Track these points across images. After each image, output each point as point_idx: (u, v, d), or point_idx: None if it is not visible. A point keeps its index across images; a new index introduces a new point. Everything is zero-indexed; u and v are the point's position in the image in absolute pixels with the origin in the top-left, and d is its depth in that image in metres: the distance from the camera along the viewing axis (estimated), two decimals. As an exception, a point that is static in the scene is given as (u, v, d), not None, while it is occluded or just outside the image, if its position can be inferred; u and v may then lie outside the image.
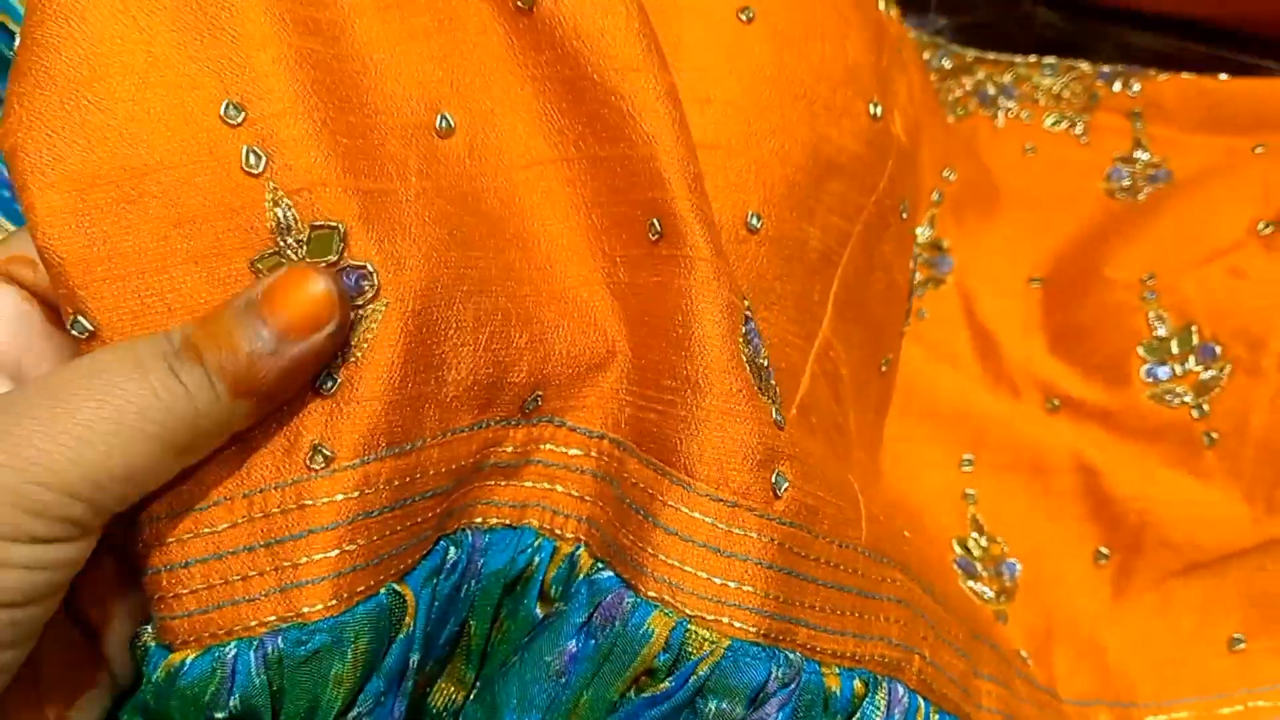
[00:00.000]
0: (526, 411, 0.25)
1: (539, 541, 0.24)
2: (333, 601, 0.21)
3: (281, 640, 0.20)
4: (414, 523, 0.22)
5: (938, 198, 0.35)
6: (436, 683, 0.25)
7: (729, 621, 0.23)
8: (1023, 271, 0.47)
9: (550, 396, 0.25)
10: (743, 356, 0.24)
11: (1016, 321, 0.46)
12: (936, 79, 0.52)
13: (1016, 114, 0.51)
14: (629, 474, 0.24)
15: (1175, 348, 0.42)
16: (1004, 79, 0.52)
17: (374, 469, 0.21)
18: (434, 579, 0.23)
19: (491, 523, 0.24)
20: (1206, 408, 0.41)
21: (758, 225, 0.29)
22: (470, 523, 0.24)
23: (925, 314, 0.46)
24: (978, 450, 0.42)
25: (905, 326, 0.41)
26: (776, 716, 0.23)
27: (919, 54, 0.50)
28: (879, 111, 0.33)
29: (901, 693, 0.26)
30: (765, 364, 0.25)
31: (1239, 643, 0.38)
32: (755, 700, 0.23)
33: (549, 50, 0.26)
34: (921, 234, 0.46)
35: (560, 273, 0.26)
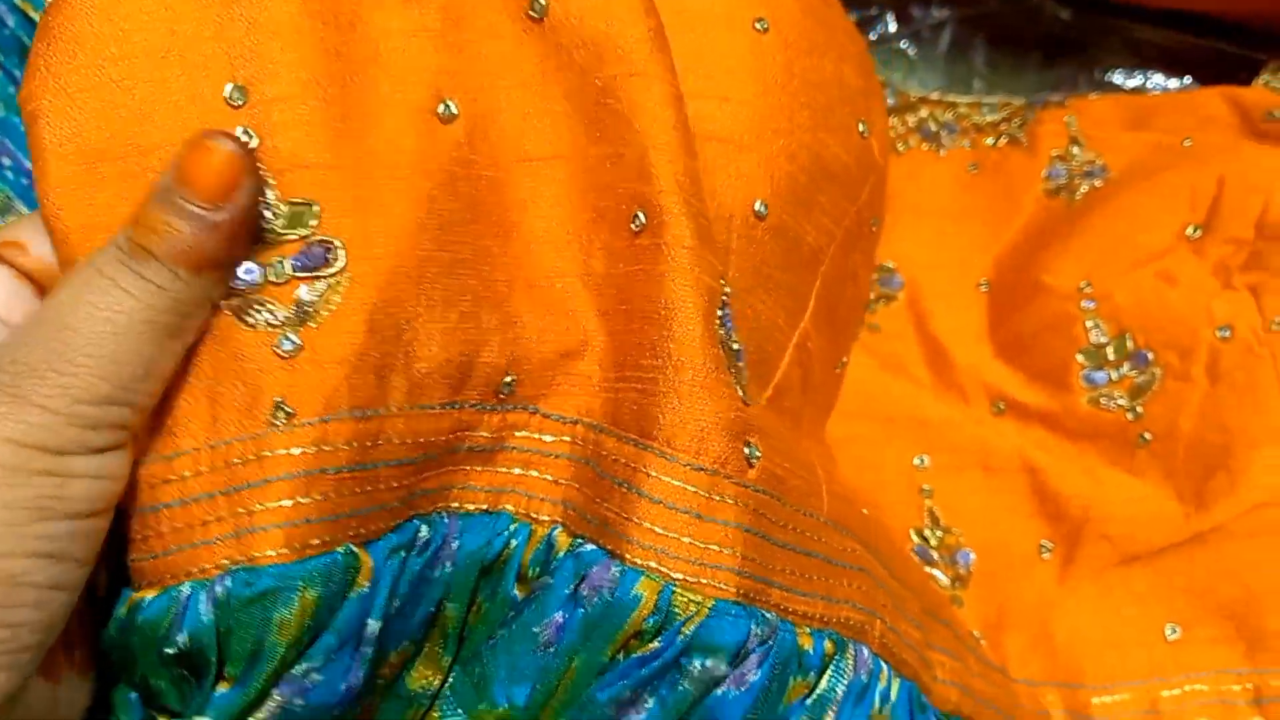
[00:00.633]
0: (501, 397, 0.26)
1: (515, 526, 0.25)
2: (285, 549, 0.22)
3: (230, 581, 0.21)
4: (375, 488, 0.23)
5: (875, 224, 0.38)
6: (413, 665, 0.25)
7: (710, 583, 0.24)
8: (972, 278, 0.49)
9: (523, 382, 0.26)
10: (718, 336, 0.26)
11: (966, 331, 0.48)
12: None
13: (959, 144, 0.54)
14: (608, 452, 0.25)
15: (1111, 354, 0.45)
16: (946, 116, 0.55)
17: (333, 428, 0.22)
18: (402, 553, 0.24)
19: (468, 508, 0.25)
20: (1140, 410, 0.44)
21: (764, 213, 0.30)
22: (446, 506, 0.25)
23: (879, 327, 0.48)
24: (931, 451, 0.45)
25: (858, 333, 0.43)
26: (756, 672, 0.24)
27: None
28: (865, 130, 0.35)
29: (866, 655, 0.28)
30: (736, 347, 0.27)
31: (1175, 631, 0.41)
32: (736, 657, 0.24)
33: (555, 57, 0.27)
34: None
35: (536, 263, 0.27)
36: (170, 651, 0.22)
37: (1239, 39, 0.55)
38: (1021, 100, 0.55)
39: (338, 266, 0.23)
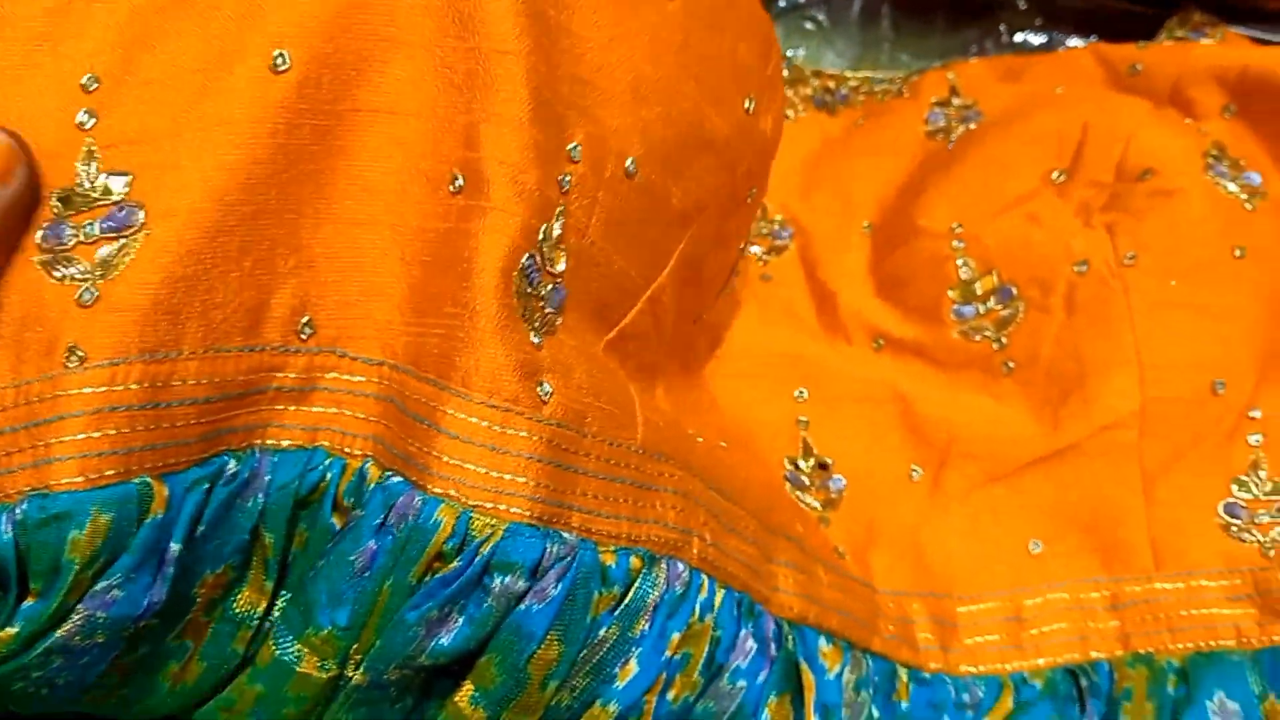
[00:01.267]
0: (303, 338, 0.28)
1: (330, 460, 0.28)
2: (79, 478, 0.24)
3: (27, 505, 0.24)
4: (172, 425, 0.25)
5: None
6: (239, 589, 0.28)
7: (505, 508, 0.27)
8: (857, 222, 0.52)
9: (323, 323, 0.28)
10: (514, 287, 0.28)
11: (852, 273, 0.51)
12: None
13: (851, 107, 0.57)
14: (411, 392, 0.27)
15: (979, 290, 0.47)
16: (838, 88, 0.57)
17: (122, 370, 0.25)
18: (206, 484, 0.26)
19: (284, 444, 0.28)
20: (1005, 341, 0.47)
21: (633, 171, 0.32)
22: (262, 443, 0.27)
23: (770, 277, 0.50)
24: (809, 385, 0.47)
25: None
26: (556, 586, 0.27)
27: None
28: (751, 107, 0.37)
29: (681, 568, 0.30)
30: (543, 293, 0.30)
31: (1037, 546, 0.43)
32: (535, 574, 0.27)
33: (404, 8, 0.28)
34: (755, 227, 0.51)
35: (348, 207, 0.28)
36: None
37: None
38: (909, 71, 0.58)
39: (136, 225, 0.25)
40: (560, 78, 0.31)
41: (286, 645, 0.27)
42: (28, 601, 0.24)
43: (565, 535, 0.28)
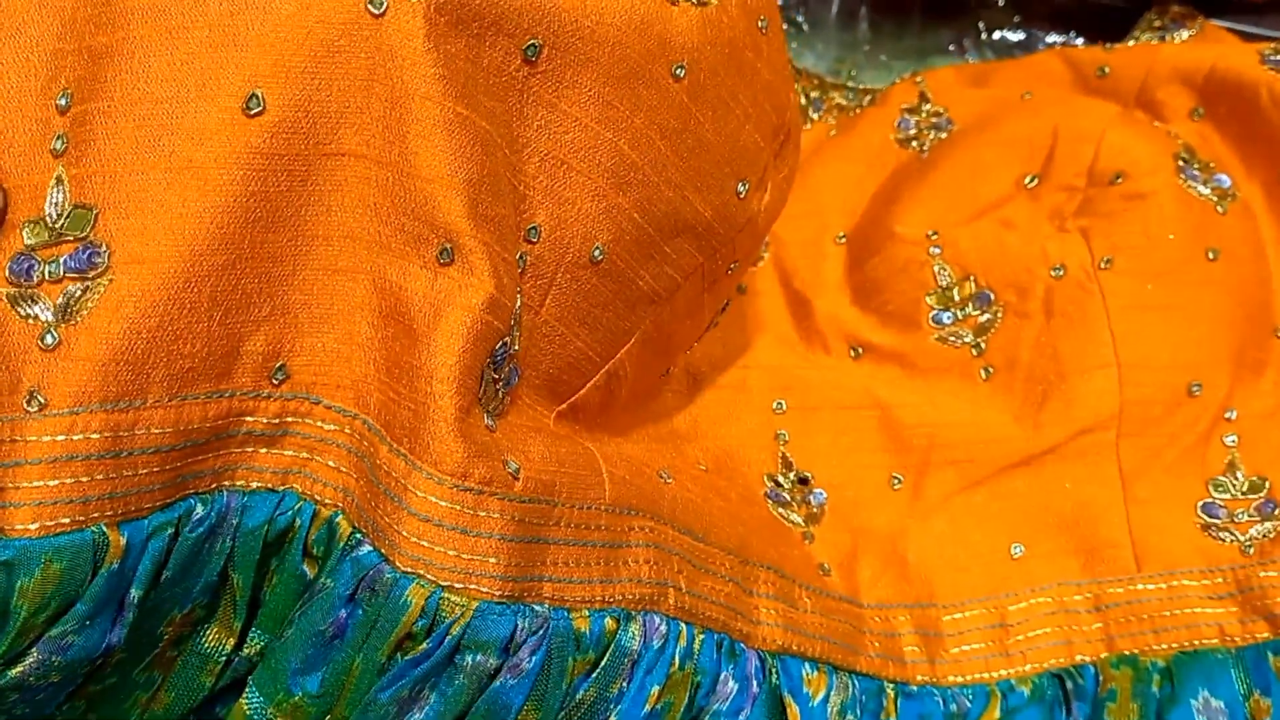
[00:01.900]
0: (275, 383, 0.27)
1: (300, 505, 0.28)
2: (33, 525, 0.24)
3: None
4: (134, 472, 0.25)
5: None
6: (208, 626, 0.28)
7: (476, 588, 0.27)
8: (831, 231, 0.52)
9: (297, 369, 0.28)
10: (481, 375, 0.28)
11: (826, 281, 0.50)
12: None
13: (824, 120, 0.57)
14: (381, 461, 0.27)
15: (956, 295, 0.47)
16: (814, 94, 0.57)
17: (83, 419, 0.24)
18: (170, 529, 0.26)
19: (253, 486, 0.28)
20: (984, 346, 0.47)
21: (599, 258, 0.32)
22: (231, 484, 0.27)
23: (745, 289, 0.50)
24: (788, 396, 0.47)
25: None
26: (530, 660, 0.27)
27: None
28: (744, 191, 0.36)
29: (659, 621, 0.30)
30: (505, 374, 0.29)
31: (1019, 549, 0.43)
32: (507, 650, 0.27)
33: (386, 63, 0.27)
34: None
35: (327, 253, 0.28)
36: None
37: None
38: (885, 85, 0.58)
39: (101, 268, 0.25)
40: (529, 155, 0.30)
41: (258, 707, 0.27)
42: None
43: (537, 608, 0.28)
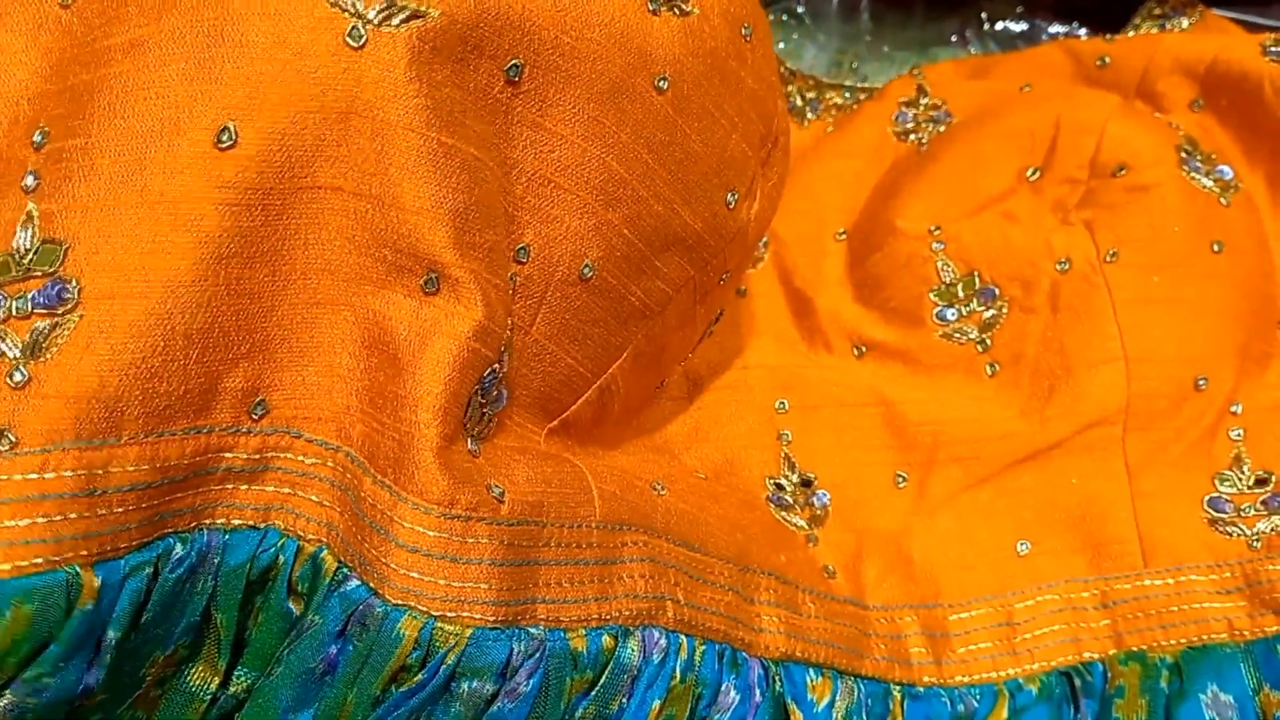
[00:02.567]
0: (255, 418, 0.27)
1: (283, 541, 0.27)
2: (4, 565, 0.23)
3: None
4: (109, 511, 0.25)
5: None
6: (193, 666, 0.27)
7: (469, 615, 0.26)
8: (831, 228, 0.51)
9: (277, 404, 0.27)
10: (467, 401, 0.27)
11: (827, 278, 0.50)
12: None
13: (822, 119, 0.57)
14: (366, 493, 0.27)
15: (960, 291, 0.47)
16: (810, 94, 0.57)
17: (55, 457, 0.24)
18: (148, 569, 0.25)
19: (234, 523, 0.27)
20: (989, 342, 0.46)
21: (589, 275, 0.31)
22: (211, 523, 0.27)
23: (746, 291, 0.50)
24: (790, 395, 0.47)
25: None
26: (528, 684, 0.27)
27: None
28: (733, 201, 0.36)
29: (658, 635, 0.30)
30: (492, 398, 0.29)
31: (1025, 546, 0.43)
32: (504, 675, 0.26)
33: (364, 89, 0.27)
34: None
35: (306, 287, 0.27)
36: None
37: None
38: (879, 82, 0.57)
39: (70, 305, 0.24)
40: (516, 176, 0.29)
41: None
42: None
43: (532, 630, 0.27)
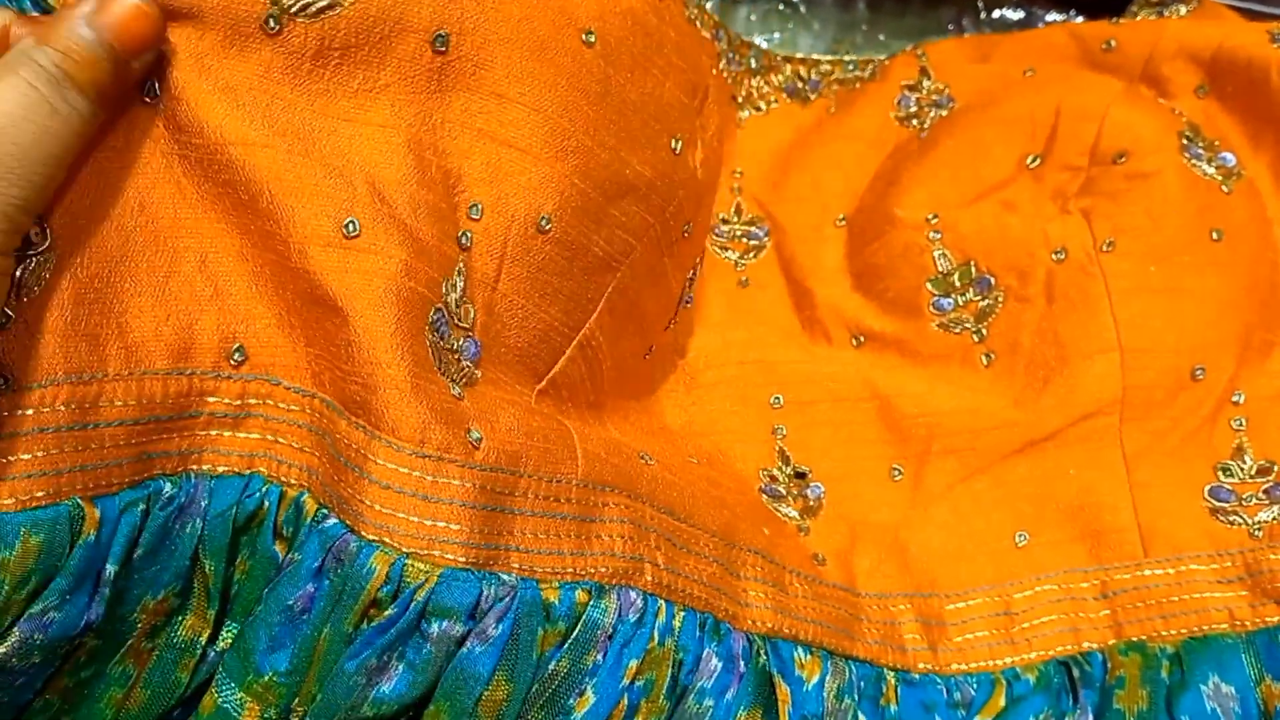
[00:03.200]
0: (235, 364, 0.28)
1: (267, 487, 0.28)
2: (9, 500, 0.25)
3: None
4: (101, 446, 0.26)
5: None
6: (181, 617, 0.28)
7: (440, 554, 0.27)
8: (831, 213, 0.51)
9: (255, 351, 0.29)
10: (426, 342, 0.29)
11: (827, 266, 0.50)
12: (745, 76, 0.56)
13: (823, 97, 0.56)
14: (341, 434, 0.28)
15: (957, 281, 0.47)
16: (810, 75, 0.57)
17: (50, 392, 0.25)
18: (141, 506, 0.27)
19: (220, 470, 0.28)
20: (985, 331, 0.46)
21: (548, 227, 0.32)
22: (198, 468, 0.28)
23: (748, 282, 0.50)
24: (786, 390, 0.47)
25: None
26: (496, 627, 0.27)
27: (728, 94, 0.54)
28: (679, 147, 0.37)
29: (634, 596, 0.30)
30: (456, 345, 0.30)
31: (1024, 538, 0.43)
32: (473, 616, 0.27)
33: (313, 59, 0.29)
34: (729, 228, 0.50)
35: (254, 242, 0.29)
36: None
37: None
38: (883, 57, 0.57)
39: (43, 245, 0.26)
40: (455, 135, 0.31)
41: (229, 694, 0.28)
42: None
43: (504, 576, 0.28)
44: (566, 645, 0.29)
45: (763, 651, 0.33)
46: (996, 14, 0.59)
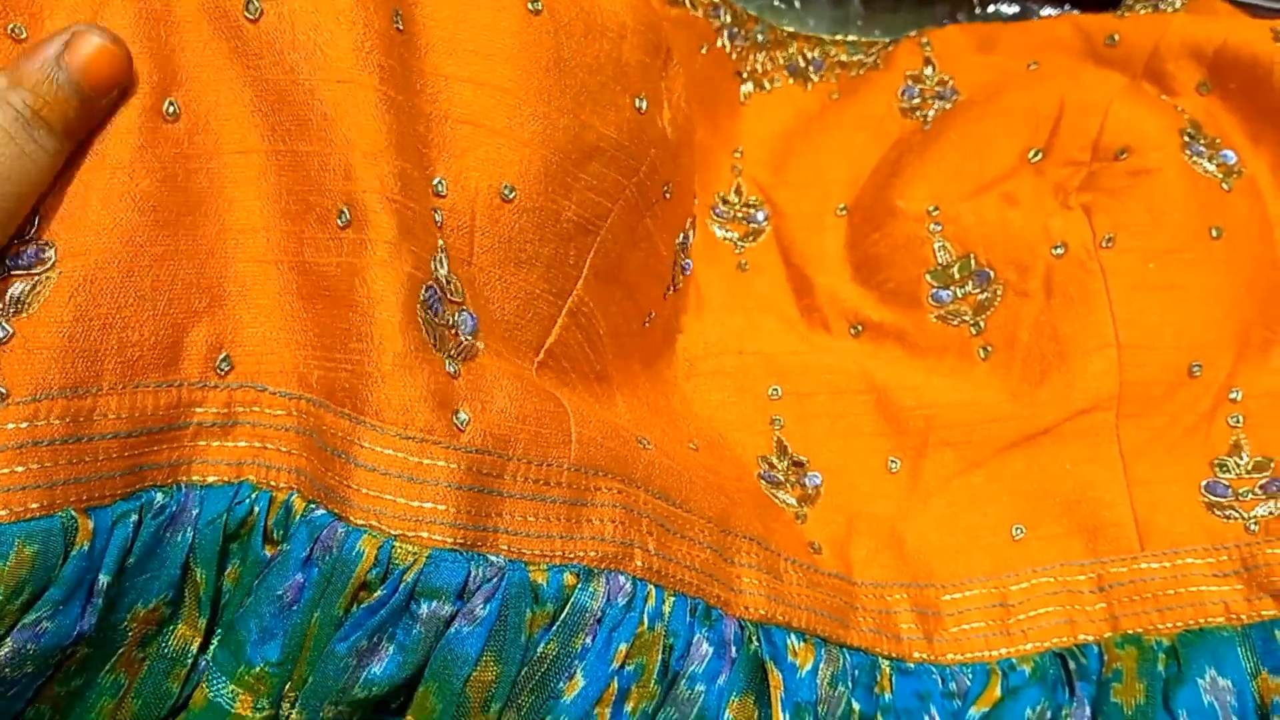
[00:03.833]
0: (221, 374, 0.29)
1: (256, 494, 0.29)
2: (3, 511, 0.25)
3: None
4: (95, 458, 0.27)
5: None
6: (173, 626, 0.29)
7: (427, 535, 0.28)
8: (833, 202, 0.51)
9: (241, 359, 0.29)
10: (419, 319, 0.29)
11: (828, 255, 0.50)
12: (752, 50, 0.56)
13: (825, 79, 0.56)
14: (327, 426, 0.28)
15: (956, 273, 0.47)
16: (813, 53, 0.57)
17: (44, 405, 0.26)
18: (133, 517, 0.27)
19: (209, 479, 0.29)
20: (983, 324, 0.46)
21: (511, 196, 0.32)
22: (188, 479, 0.29)
23: (746, 266, 0.50)
24: (784, 381, 0.47)
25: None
26: (484, 608, 0.28)
27: (731, 69, 0.54)
28: (644, 105, 0.37)
29: (623, 581, 0.31)
30: (450, 321, 0.30)
31: (1021, 531, 0.43)
32: (461, 597, 0.28)
33: (268, 56, 0.30)
34: (729, 208, 0.50)
35: (251, 246, 0.30)
36: None
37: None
38: (887, 39, 0.57)
39: (48, 264, 0.26)
40: (417, 116, 0.31)
41: (220, 687, 0.28)
42: None
43: (492, 558, 0.28)
44: (555, 627, 0.29)
45: (755, 638, 0.34)
46: (991, 9, 0.59)
